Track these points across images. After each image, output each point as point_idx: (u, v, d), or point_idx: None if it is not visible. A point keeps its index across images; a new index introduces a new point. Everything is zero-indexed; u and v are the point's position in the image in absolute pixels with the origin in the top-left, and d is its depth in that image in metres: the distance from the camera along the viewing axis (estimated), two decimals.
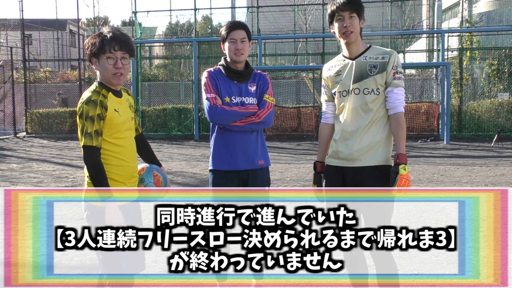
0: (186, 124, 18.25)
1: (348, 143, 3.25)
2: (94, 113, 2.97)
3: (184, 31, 31.43)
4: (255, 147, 3.83)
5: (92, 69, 26.36)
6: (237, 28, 3.77)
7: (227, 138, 3.78)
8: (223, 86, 3.77)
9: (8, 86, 20.55)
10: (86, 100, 3.01)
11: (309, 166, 10.95)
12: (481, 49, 17.62)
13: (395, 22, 22.99)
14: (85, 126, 2.96)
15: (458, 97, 17.14)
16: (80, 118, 2.99)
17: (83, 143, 2.97)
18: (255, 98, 3.84)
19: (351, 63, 3.28)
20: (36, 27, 33.10)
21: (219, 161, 3.80)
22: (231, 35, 3.74)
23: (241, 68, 3.84)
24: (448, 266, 4.68)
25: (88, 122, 2.96)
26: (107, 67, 3.07)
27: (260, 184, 3.84)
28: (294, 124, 17.73)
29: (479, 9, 26.15)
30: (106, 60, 3.06)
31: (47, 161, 12.52)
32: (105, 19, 47.53)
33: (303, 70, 19.85)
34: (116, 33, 3.09)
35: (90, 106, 2.98)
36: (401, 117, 3.22)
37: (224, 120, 3.72)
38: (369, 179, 3.20)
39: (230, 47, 3.75)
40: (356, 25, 3.22)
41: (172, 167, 11.08)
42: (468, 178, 9.28)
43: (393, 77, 3.19)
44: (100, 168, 2.98)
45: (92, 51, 3.07)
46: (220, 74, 3.81)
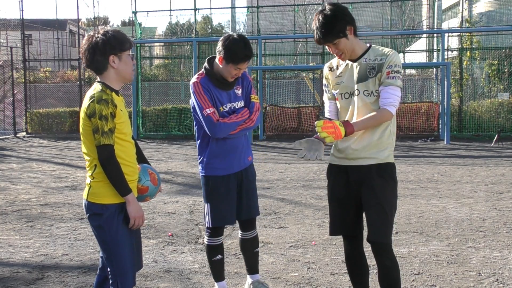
0: (186, 124, 18.24)
1: (351, 143, 3.25)
2: (108, 111, 2.97)
3: (184, 31, 31.44)
4: (243, 146, 3.91)
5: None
6: (247, 59, 3.69)
7: (220, 145, 3.80)
8: (215, 96, 3.75)
9: (8, 86, 20.54)
10: (97, 99, 2.98)
11: (309, 166, 10.96)
12: (481, 49, 17.61)
13: (395, 22, 22.99)
14: (101, 125, 2.95)
15: (458, 97, 17.14)
16: (93, 117, 2.95)
17: (102, 142, 2.95)
18: (243, 100, 3.89)
19: (352, 65, 3.29)
20: (36, 27, 33.11)
21: (215, 168, 3.82)
22: (240, 65, 3.67)
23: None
24: (448, 266, 4.68)
25: (103, 120, 2.95)
26: (129, 63, 3.13)
27: (252, 178, 3.97)
28: (294, 124, 17.72)
29: (479, 9, 26.15)
30: (128, 56, 3.12)
31: (47, 161, 12.52)
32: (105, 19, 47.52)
33: (303, 70, 19.84)
34: (120, 33, 3.16)
35: (102, 104, 2.97)
36: (383, 112, 3.14)
37: (226, 133, 3.74)
38: (373, 177, 3.21)
39: (231, 71, 3.70)
40: (343, 46, 3.18)
41: (172, 167, 11.08)
42: (468, 178, 9.28)
43: (387, 76, 3.18)
44: (119, 165, 3.02)
45: (115, 48, 3.06)
46: (209, 83, 3.75)
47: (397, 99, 3.19)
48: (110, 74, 3.10)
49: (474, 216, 6.49)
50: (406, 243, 5.36)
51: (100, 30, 3.11)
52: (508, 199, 7.44)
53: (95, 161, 3.05)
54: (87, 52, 3.06)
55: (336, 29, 3.13)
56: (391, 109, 3.16)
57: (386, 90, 3.17)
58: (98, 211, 3.04)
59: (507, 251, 5.09)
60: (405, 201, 7.17)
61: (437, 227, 5.97)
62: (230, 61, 3.65)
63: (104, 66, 3.08)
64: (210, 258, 3.95)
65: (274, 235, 5.76)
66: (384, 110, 3.16)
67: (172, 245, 5.43)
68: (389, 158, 3.27)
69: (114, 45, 3.05)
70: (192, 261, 4.91)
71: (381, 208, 3.19)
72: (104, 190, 3.03)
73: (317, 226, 6.08)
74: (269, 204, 7.23)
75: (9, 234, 5.96)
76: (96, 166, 3.05)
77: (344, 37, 3.15)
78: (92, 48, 3.05)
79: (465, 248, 5.18)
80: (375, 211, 3.19)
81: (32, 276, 4.57)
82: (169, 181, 9.32)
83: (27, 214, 6.92)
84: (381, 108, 3.17)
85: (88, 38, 3.08)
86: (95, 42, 3.04)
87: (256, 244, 4.05)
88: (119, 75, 3.12)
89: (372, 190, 3.20)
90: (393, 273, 3.24)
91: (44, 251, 5.28)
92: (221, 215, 3.83)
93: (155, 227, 6.12)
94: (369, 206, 3.22)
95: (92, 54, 3.05)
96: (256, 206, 4.00)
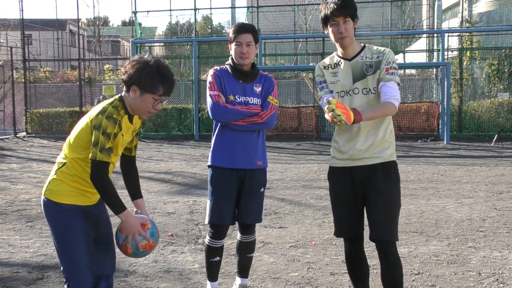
0: (186, 124, 18.24)
1: (354, 143, 3.25)
2: (112, 130, 2.89)
3: (184, 31, 31.42)
4: (255, 147, 3.85)
5: (92, 68, 26.18)
6: (244, 31, 3.79)
7: (228, 136, 3.81)
8: (228, 85, 3.81)
9: (8, 86, 20.54)
10: (107, 115, 2.90)
11: (309, 166, 10.96)
12: (481, 49, 17.61)
13: (395, 22, 22.99)
14: (102, 141, 2.87)
15: (458, 97, 17.13)
16: (97, 130, 2.88)
17: (98, 158, 2.85)
18: (260, 99, 3.86)
19: (347, 63, 3.29)
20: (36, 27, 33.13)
21: (218, 158, 3.83)
22: (238, 38, 3.77)
23: (247, 69, 3.88)
24: (448, 266, 4.68)
25: (105, 137, 2.87)
26: (147, 106, 2.97)
27: (257, 184, 3.87)
28: (294, 124, 17.73)
29: (479, 9, 26.14)
30: (151, 99, 2.95)
31: (47, 161, 12.52)
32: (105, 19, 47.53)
33: (303, 70, 19.83)
34: (170, 77, 2.97)
35: (110, 122, 2.89)
36: (388, 104, 3.14)
37: (225, 117, 3.75)
38: (378, 175, 3.21)
39: (236, 50, 3.80)
40: (351, 28, 3.20)
41: (172, 167, 11.08)
42: (468, 178, 9.28)
43: (386, 73, 3.19)
44: (111, 183, 2.94)
45: (141, 84, 2.92)
46: (226, 73, 3.86)
47: (398, 94, 3.20)
48: (129, 98, 3.00)
49: (474, 216, 6.49)
50: (406, 243, 5.36)
51: (152, 60, 2.97)
52: (508, 199, 7.44)
53: (68, 161, 2.98)
54: (129, 65, 2.97)
55: (353, 6, 3.21)
56: (395, 102, 3.16)
57: (387, 85, 3.18)
58: (53, 208, 2.98)
59: (507, 251, 5.09)
60: (405, 201, 7.17)
61: (437, 227, 5.97)
62: (233, 40, 3.79)
63: (128, 88, 2.99)
64: (208, 259, 3.93)
65: (274, 235, 5.76)
66: (388, 103, 3.15)
67: (172, 245, 5.43)
68: (393, 156, 3.29)
69: (145, 85, 2.92)
70: (192, 261, 4.91)
71: (387, 206, 3.20)
72: (63, 190, 2.97)
73: (317, 226, 6.08)
74: (269, 204, 7.23)
75: (9, 234, 5.96)
76: (64, 165, 2.99)
77: (354, 20, 3.21)
78: (133, 67, 2.94)
79: (465, 248, 5.18)
80: (380, 210, 3.20)
81: (32, 276, 4.57)
82: (169, 181, 9.32)
83: (27, 214, 6.92)
84: (385, 102, 3.16)
85: (139, 59, 2.97)
86: (140, 68, 2.93)
87: (251, 250, 4.02)
88: (134, 106, 3.01)
89: (378, 188, 3.21)
90: (398, 271, 3.24)
91: (44, 251, 5.28)
92: (219, 213, 3.80)
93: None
94: (374, 204, 3.22)
95: (126, 71, 2.97)
96: (256, 212, 3.91)
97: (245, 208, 3.86)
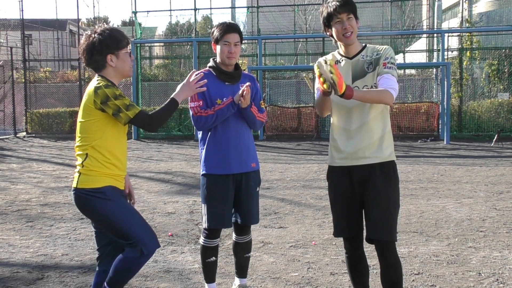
0: (186, 124, 18.24)
1: (353, 141, 3.25)
2: (118, 91, 3.06)
3: (184, 31, 31.43)
4: (247, 149, 3.83)
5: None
6: (232, 31, 3.72)
7: (219, 141, 3.75)
8: (213, 88, 3.72)
9: (8, 86, 20.54)
10: (104, 85, 3.05)
11: (309, 166, 10.96)
12: (481, 49, 17.61)
13: (395, 22, 22.98)
14: (120, 103, 3.03)
15: (458, 97, 17.13)
16: (109, 100, 3.01)
17: (131, 115, 3.03)
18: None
19: (348, 62, 3.29)
20: (36, 27, 33.09)
21: (213, 166, 3.77)
22: (226, 37, 3.70)
23: (232, 69, 3.82)
24: (448, 266, 4.68)
25: (119, 98, 3.03)
26: (127, 61, 3.19)
27: (253, 184, 3.88)
28: (294, 124, 17.72)
29: (479, 9, 26.13)
30: (126, 54, 3.18)
31: (47, 161, 12.52)
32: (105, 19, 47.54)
33: (303, 70, 19.83)
34: (115, 28, 3.24)
35: (111, 88, 3.05)
36: (384, 91, 3.12)
37: (210, 125, 3.70)
38: (377, 175, 3.21)
39: (223, 50, 3.72)
40: (355, 25, 3.23)
41: (172, 167, 11.08)
42: (468, 178, 9.28)
43: (384, 67, 3.20)
44: (155, 112, 3.16)
45: (111, 47, 3.11)
46: (210, 77, 3.73)
47: (396, 85, 3.18)
48: (108, 71, 3.17)
49: (474, 216, 6.49)
50: (406, 243, 5.36)
51: (97, 29, 3.17)
52: (508, 199, 7.44)
53: (88, 149, 3.08)
54: (85, 52, 3.13)
55: (354, 5, 3.25)
56: (392, 91, 3.13)
57: (384, 77, 3.19)
58: (93, 195, 3.06)
59: (507, 251, 5.09)
60: (405, 201, 7.17)
61: (437, 227, 5.97)
62: (219, 39, 3.71)
63: (103, 65, 3.15)
64: (204, 259, 3.93)
65: (274, 235, 5.76)
66: (384, 90, 3.13)
67: (172, 245, 5.43)
68: (391, 156, 3.29)
69: (111, 44, 3.11)
70: (192, 261, 4.91)
71: (386, 206, 3.19)
72: (95, 175, 3.08)
73: (317, 226, 6.08)
74: (269, 204, 7.23)
75: (9, 234, 5.96)
76: (87, 155, 3.08)
77: (356, 18, 3.24)
78: (89, 48, 3.11)
79: (465, 248, 5.18)
80: (379, 210, 3.19)
81: (32, 276, 4.56)
82: (169, 181, 9.32)
83: (27, 214, 6.92)
84: (382, 89, 3.15)
85: (86, 37, 3.15)
86: (93, 42, 3.11)
87: (248, 249, 4.02)
88: (117, 73, 3.19)
89: (376, 188, 3.20)
90: (397, 271, 3.24)
91: (44, 251, 5.28)
92: (217, 217, 3.78)
93: (155, 227, 6.11)
94: (373, 204, 3.21)
95: (90, 54, 3.12)
96: (255, 213, 3.91)
97: (246, 210, 3.84)
